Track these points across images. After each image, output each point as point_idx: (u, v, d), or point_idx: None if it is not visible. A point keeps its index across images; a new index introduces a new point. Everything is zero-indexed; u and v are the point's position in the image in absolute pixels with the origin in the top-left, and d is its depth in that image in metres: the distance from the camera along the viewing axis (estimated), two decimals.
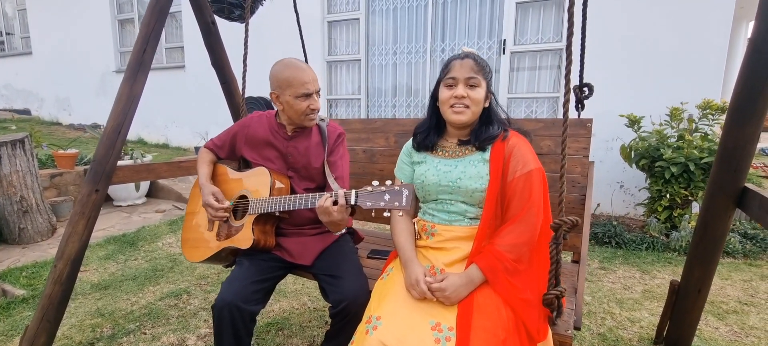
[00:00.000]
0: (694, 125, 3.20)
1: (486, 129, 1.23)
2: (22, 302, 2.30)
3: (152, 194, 4.54)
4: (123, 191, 4.09)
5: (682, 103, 3.22)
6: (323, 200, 1.19)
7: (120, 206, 4.15)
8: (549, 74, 4.42)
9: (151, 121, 7.16)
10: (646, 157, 3.23)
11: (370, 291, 1.29)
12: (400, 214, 1.09)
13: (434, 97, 1.29)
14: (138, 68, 1.85)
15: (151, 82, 7.22)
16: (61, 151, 4.01)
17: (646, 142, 3.27)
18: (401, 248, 1.24)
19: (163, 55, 6.92)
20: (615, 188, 3.99)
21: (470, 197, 1.20)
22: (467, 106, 1.19)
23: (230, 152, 1.65)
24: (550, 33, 4.33)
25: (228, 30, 2.39)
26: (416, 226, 1.31)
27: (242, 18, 1.98)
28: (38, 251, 2.99)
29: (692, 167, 2.96)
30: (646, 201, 3.44)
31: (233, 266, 1.56)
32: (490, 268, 1.08)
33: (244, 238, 1.39)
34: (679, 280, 1.77)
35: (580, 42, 1.50)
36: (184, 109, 6.69)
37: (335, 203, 1.16)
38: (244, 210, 1.46)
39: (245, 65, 1.85)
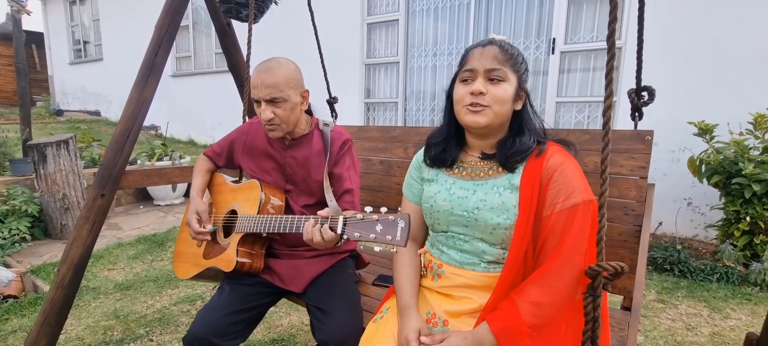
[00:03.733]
0: None
1: (516, 141, 0.94)
2: None
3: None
4: (161, 191, 4.22)
5: None
6: (310, 225, 1.02)
7: (158, 206, 4.29)
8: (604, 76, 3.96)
9: (200, 123, 7.50)
10: (720, 172, 2.74)
11: (364, 329, 1.10)
12: (394, 250, 0.88)
13: (451, 97, 1.01)
14: (149, 72, 1.80)
15: (201, 86, 7.48)
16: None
17: (721, 154, 2.77)
18: (399, 289, 1.01)
19: (213, 60, 7.21)
20: (681, 206, 3.47)
21: (490, 235, 0.93)
22: (487, 106, 0.91)
23: (228, 161, 1.52)
24: (607, 30, 3.88)
25: (265, 32, 2.32)
26: (422, 259, 1.07)
27: (247, 18, 1.87)
28: None
29: None
30: (720, 223, 2.93)
31: None
32: (505, 332, 0.82)
33: (228, 259, 1.25)
34: (758, 332, 1.39)
35: (636, 38, 1.21)
36: (229, 112, 6.89)
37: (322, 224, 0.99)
38: (233, 227, 1.33)
39: (248, 66, 1.74)
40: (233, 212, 1.35)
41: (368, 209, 0.92)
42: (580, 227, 0.84)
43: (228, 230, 1.38)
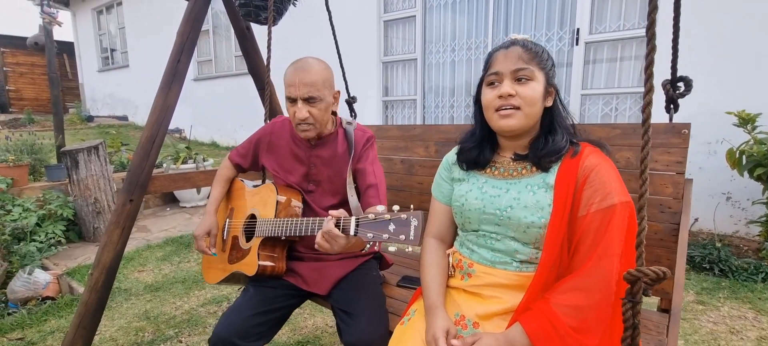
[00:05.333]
0: None
1: (548, 140, 0.93)
2: None
3: None
4: (186, 193, 4.33)
5: None
6: (327, 225, 1.00)
7: (185, 208, 4.40)
8: (633, 66, 3.80)
9: (223, 125, 7.65)
10: (764, 164, 2.59)
11: (392, 333, 1.08)
12: (408, 249, 0.86)
13: (478, 102, 1.01)
14: (172, 78, 1.83)
15: (222, 89, 7.61)
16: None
17: (765, 145, 2.61)
18: (426, 289, 1.00)
19: (233, 63, 7.34)
20: (719, 201, 3.29)
21: (523, 234, 0.91)
22: (517, 107, 0.90)
23: (254, 162, 1.53)
24: (635, 18, 3.73)
25: (282, 34, 2.33)
26: (451, 258, 1.05)
27: (266, 21, 1.87)
28: None
29: None
30: (764, 219, 2.77)
31: None
32: (540, 334, 0.80)
33: (250, 263, 1.26)
34: None
35: (672, 25, 1.14)
36: (250, 114, 7.00)
37: (337, 226, 0.97)
38: (254, 231, 1.34)
39: (268, 69, 1.74)
40: (253, 216, 1.36)
41: (380, 208, 0.90)
42: (618, 229, 0.81)
43: (250, 235, 1.38)
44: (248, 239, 1.35)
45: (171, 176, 1.99)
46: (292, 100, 1.23)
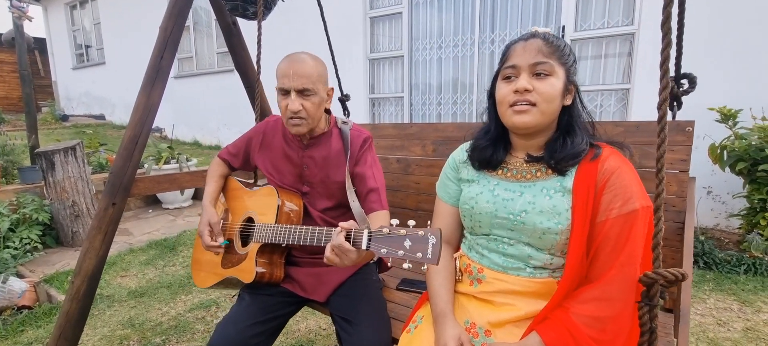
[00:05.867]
0: None
1: (566, 142, 0.87)
2: None
3: (198, 195, 4.64)
4: (169, 195, 4.19)
5: None
6: (337, 239, 0.93)
7: (167, 209, 4.27)
8: (617, 63, 3.87)
9: (205, 123, 7.47)
10: (745, 159, 2.66)
11: (395, 341, 1.05)
12: (424, 267, 0.83)
13: (493, 96, 0.95)
14: (155, 76, 1.75)
15: (204, 87, 7.39)
16: (115, 155, 4.18)
17: (746, 140, 2.69)
18: (433, 295, 0.95)
19: (215, 60, 7.16)
20: (701, 195, 3.38)
21: (539, 240, 0.87)
22: (533, 104, 0.85)
23: (244, 162, 1.47)
24: (619, 15, 3.78)
25: (266, 30, 2.26)
26: (458, 262, 1.01)
27: (255, 16, 1.81)
28: None
29: None
30: (744, 212, 2.85)
31: None
32: (559, 344, 0.77)
33: (247, 270, 1.20)
34: None
35: (677, 21, 1.13)
36: (234, 112, 6.86)
37: (347, 239, 0.91)
38: (250, 235, 1.28)
39: (259, 66, 1.68)
40: (250, 220, 1.30)
41: (394, 222, 0.86)
42: (640, 235, 0.78)
43: (245, 238, 1.33)
44: (244, 242, 1.30)
45: (155, 177, 1.91)
46: (284, 92, 1.18)
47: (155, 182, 1.91)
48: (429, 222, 0.87)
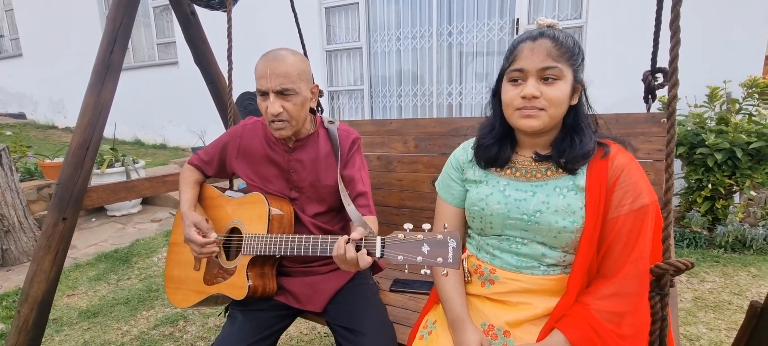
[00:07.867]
0: (737, 106, 2.88)
1: (574, 141, 0.86)
2: (0, 338, 2.06)
3: (148, 201, 4.29)
4: None
5: (725, 81, 2.89)
6: (341, 247, 0.89)
7: (114, 216, 3.90)
8: None
9: (148, 121, 6.89)
10: (683, 143, 2.92)
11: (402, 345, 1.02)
12: (445, 272, 0.80)
13: (497, 94, 0.93)
14: (105, 72, 1.56)
15: (145, 81, 6.79)
16: (48, 160, 3.75)
17: (683, 127, 2.95)
18: (447, 300, 0.92)
19: (155, 52, 6.61)
20: None
21: (554, 239, 0.86)
22: (541, 109, 0.83)
23: (219, 169, 1.35)
24: (568, 9, 3.99)
25: (216, 21, 2.10)
26: (465, 264, 0.99)
27: (223, 5, 1.68)
28: (23, 273, 2.74)
29: (739, 154, 2.65)
30: (682, 191, 3.14)
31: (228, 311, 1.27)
32: (584, 341, 0.78)
33: (238, 286, 1.11)
34: (761, 300, 1.48)
35: (654, 16, 1.19)
36: (180, 108, 6.39)
37: (358, 249, 0.87)
38: (237, 248, 1.18)
39: (230, 62, 1.55)
40: (234, 230, 1.20)
41: (408, 226, 0.82)
42: (650, 230, 0.81)
43: (228, 251, 1.23)
44: (228, 255, 1.20)
45: (111, 186, 1.72)
46: (263, 94, 1.10)
47: (111, 192, 1.71)
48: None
